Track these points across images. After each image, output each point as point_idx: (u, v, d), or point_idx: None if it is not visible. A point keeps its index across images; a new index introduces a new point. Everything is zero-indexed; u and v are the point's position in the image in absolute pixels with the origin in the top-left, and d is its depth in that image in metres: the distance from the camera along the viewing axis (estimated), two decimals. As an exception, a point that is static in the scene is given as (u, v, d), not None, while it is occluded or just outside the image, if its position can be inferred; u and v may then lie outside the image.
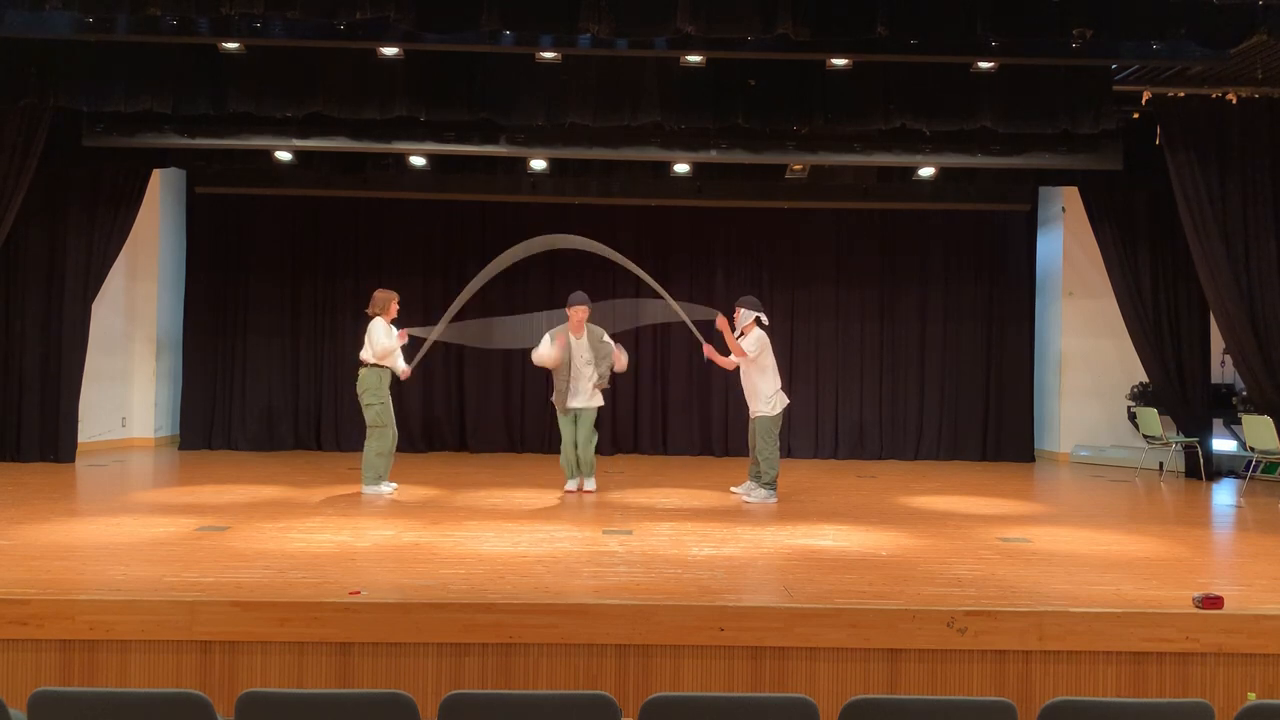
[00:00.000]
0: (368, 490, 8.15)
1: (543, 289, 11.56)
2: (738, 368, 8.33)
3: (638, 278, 9.11)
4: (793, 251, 12.07)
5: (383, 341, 8.05)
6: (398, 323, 8.33)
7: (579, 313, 8.23)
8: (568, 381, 8.26)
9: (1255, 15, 7.27)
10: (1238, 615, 4.78)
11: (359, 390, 8.16)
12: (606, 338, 8.40)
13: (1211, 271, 9.10)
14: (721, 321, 8.32)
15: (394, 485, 8.38)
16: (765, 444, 8.12)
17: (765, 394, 8.16)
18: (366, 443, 8.21)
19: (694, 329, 8.52)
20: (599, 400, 8.40)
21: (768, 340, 8.23)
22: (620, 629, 4.68)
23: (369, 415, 8.12)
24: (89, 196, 9.99)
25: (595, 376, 8.28)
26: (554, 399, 8.42)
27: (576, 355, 8.27)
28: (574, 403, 8.28)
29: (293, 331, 11.83)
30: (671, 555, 5.96)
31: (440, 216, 11.80)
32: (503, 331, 9.27)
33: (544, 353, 8.28)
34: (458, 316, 8.44)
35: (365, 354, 8.13)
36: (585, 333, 8.27)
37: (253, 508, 7.44)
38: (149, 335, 11.60)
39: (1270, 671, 4.71)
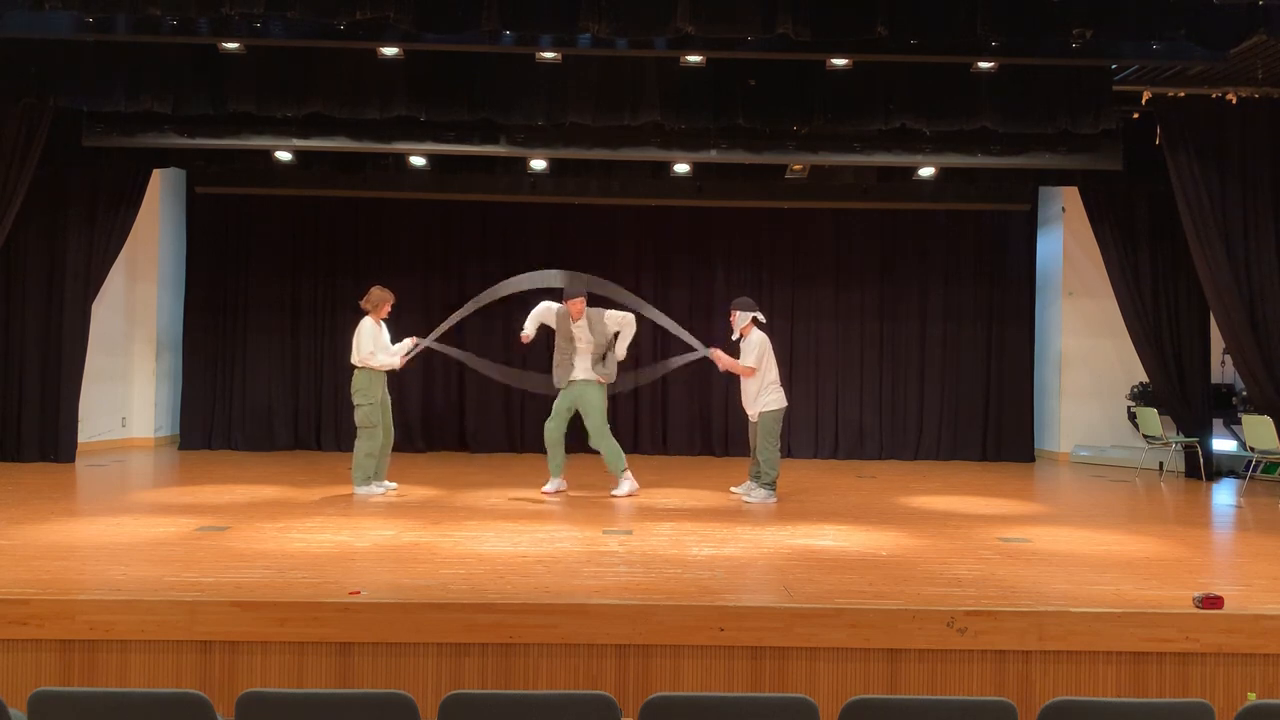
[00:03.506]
0: (359, 491, 8.15)
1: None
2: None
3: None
4: (793, 251, 12.06)
5: (368, 349, 8.04)
6: (389, 323, 8.33)
7: (576, 304, 8.21)
8: (566, 355, 8.26)
9: (1255, 15, 7.26)
10: (1238, 615, 4.78)
11: (352, 390, 8.17)
12: (609, 314, 8.31)
13: (1211, 271, 9.10)
14: (715, 354, 8.34)
15: (393, 485, 8.38)
16: (767, 444, 8.12)
17: (766, 393, 8.16)
18: (356, 443, 8.23)
19: (699, 346, 8.55)
20: (601, 375, 8.25)
21: (767, 340, 8.24)
22: (620, 629, 4.68)
23: (358, 415, 8.14)
24: (89, 196, 9.98)
25: (599, 355, 8.22)
26: (554, 378, 8.39)
27: (578, 336, 8.24)
28: (574, 375, 8.26)
29: (293, 331, 11.83)
30: (671, 555, 5.96)
31: (440, 216, 11.80)
32: (506, 374, 9.36)
33: (528, 327, 8.31)
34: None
35: (354, 357, 8.13)
36: (585, 318, 8.24)
37: (253, 508, 7.44)
38: (149, 335, 11.60)
39: (1270, 671, 4.71)
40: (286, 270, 11.81)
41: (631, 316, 8.32)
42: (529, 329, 8.37)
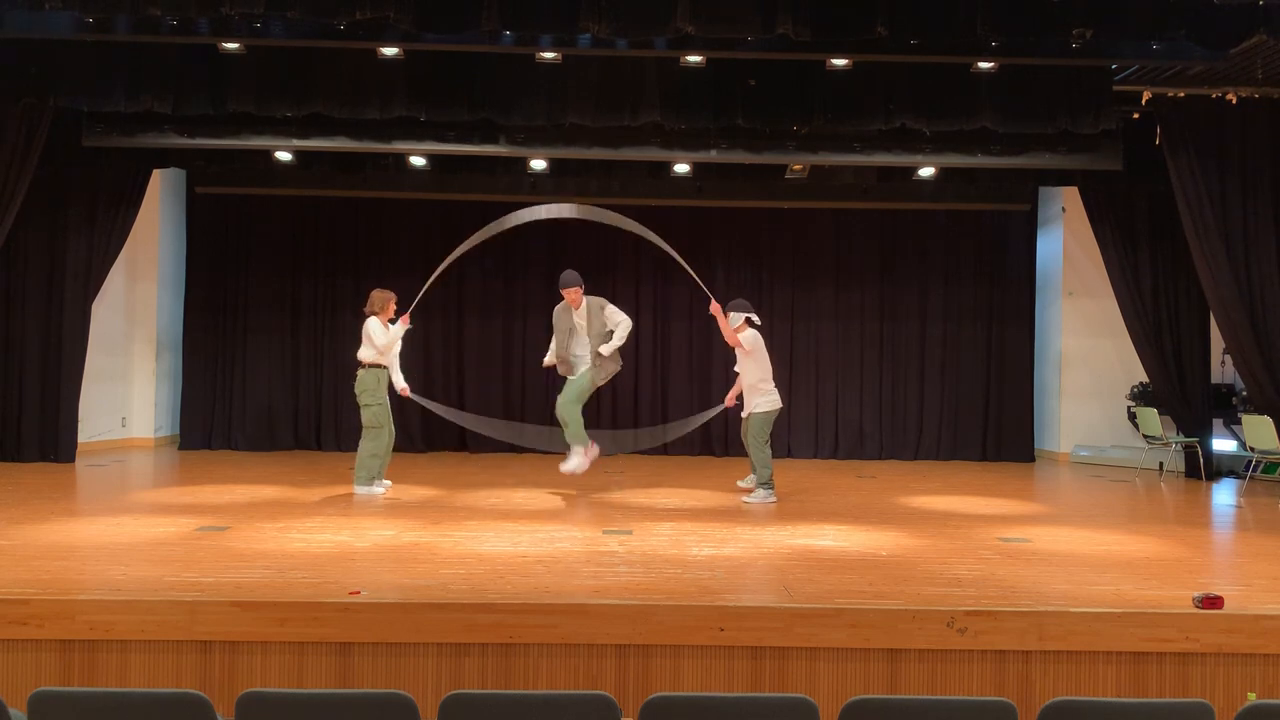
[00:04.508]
0: (360, 490, 8.15)
1: (542, 286, 11.56)
2: (736, 362, 8.34)
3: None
4: (793, 251, 12.06)
5: (381, 338, 8.07)
6: (391, 322, 8.34)
7: (571, 294, 8.21)
8: (566, 349, 8.28)
9: (1255, 15, 7.27)
10: (1238, 615, 4.78)
11: (357, 391, 8.17)
12: (609, 309, 8.28)
13: (1211, 271, 9.10)
14: (715, 307, 8.31)
15: (388, 483, 8.38)
16: (756, 443, 8.13)
17: (760, 394, 8.16)
18: (361, 443, 8.23)
19: (703, 286, 8.58)
20: (600, 368, 8.23)
21: (761, 340, 8.24)
22: (620, 629, 4.68)
23: (365, 416, 8.14)
24: (89, 196, 9.99)
25: (596, 344, 8.22)
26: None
27: (578, 326, 8.23)
28: (577, 369, 8.29)
29: (293, 331, 11.83)
30: (671, 555, 5.96)
31: (440, 216, 11.79)
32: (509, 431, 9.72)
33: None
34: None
35: (364, 354, 8.14)
36: (583, 304, 8.23)
37: (253, 508, 7.44)
38: (149, 335, 11.60)
39: (1270, 671, 4.71)
40: (286, 270, 11.81)
41: (628, 321, 8.28)
42: (552, 358, 8.48)
